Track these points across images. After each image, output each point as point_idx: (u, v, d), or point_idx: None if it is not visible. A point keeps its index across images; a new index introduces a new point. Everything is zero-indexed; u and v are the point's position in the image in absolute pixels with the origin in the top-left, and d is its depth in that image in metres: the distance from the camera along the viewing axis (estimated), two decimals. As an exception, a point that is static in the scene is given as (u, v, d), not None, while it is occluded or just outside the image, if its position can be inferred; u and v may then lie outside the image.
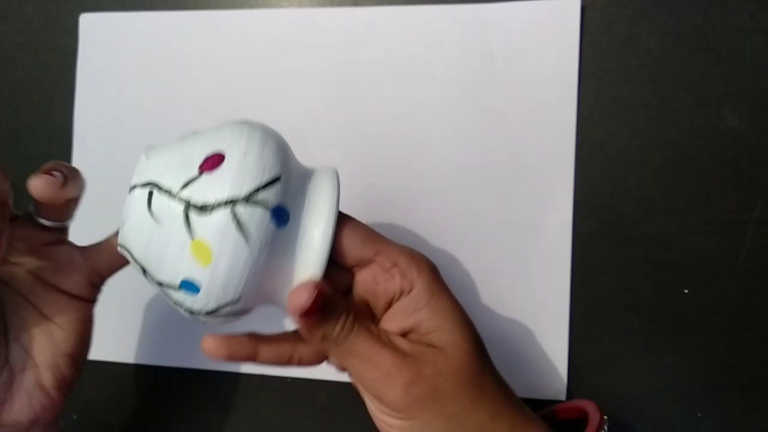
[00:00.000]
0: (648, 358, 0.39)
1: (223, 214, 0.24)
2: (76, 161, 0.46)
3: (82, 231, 0.46)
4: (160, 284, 0.26)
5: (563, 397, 0.40)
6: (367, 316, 0.30)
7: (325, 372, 0.43)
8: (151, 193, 0.26)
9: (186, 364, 0.44)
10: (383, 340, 0.28)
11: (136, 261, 0.27)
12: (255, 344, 0.29)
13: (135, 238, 0.26)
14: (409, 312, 0.29)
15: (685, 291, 0.39)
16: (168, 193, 0.25)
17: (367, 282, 0.29)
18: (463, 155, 0.41)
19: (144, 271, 0.27)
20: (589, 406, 0.34)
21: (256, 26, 0.44)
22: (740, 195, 0.39)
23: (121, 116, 0.46)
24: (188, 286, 0.25)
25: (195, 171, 0.25)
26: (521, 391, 0.40)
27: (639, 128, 0.40)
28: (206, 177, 0.25)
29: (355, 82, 0.43)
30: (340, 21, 0.43)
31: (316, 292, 0.26)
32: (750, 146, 0.39)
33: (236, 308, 0.27)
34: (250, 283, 0.26)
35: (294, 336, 0.30)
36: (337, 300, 0.28)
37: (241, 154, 0.25)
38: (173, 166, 0.26)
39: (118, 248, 0.28)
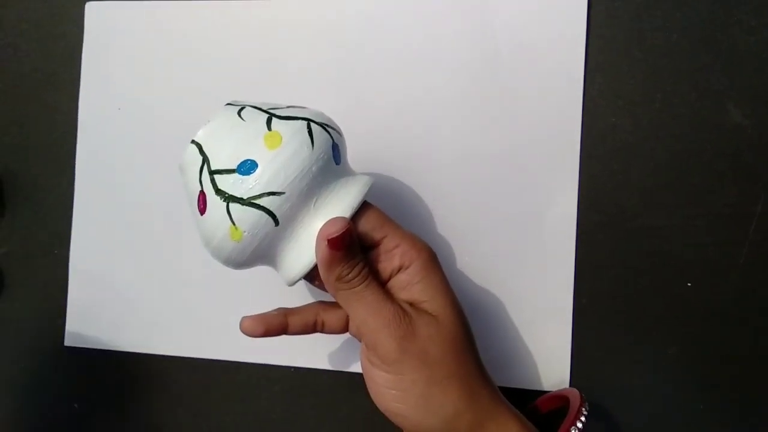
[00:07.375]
0: (650, 350, 0.40)
1: (299, 122, 0.30)
2: (81, 150, 0.46)
3: (90, 218, 0.46)
4: (214, 173, 0.29)
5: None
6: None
7: (327, 362, 0.43)
8: (243, 107, 0.31)
9: (186, 353, 0.44)
10: (390, 296, 0.31)
11: (202, 153, 0.30)
12: (284, 317, 0.33)
13: (216, 131, 0.31)
14: (405, 285, 0.31)
15: (688, 284, 0.39)
16: (258, 108, 0.31)
17: (370, 261, 0.32)
18: (467, 147, 0.41)
19: (204, 163, 0.30)
20: (572, 394, 0.35)
21: (260, 15, 0.44)
22: (743, 188, 0.39)
23: (126, 105, 0.46)
24: (246, 165, 0.29)
25: (283, 105, 0.32)
26: (524, 381, 0.40)
27: (643, 122, 0.40)
28: (291, 108, 0.32)
29: (359, 71, 0.43)
30: (345, 10, 0.43)
31: (348, 227, 0.29)
32: (753, 140, 0.39)
33: (274, 204, 0.29)
34: (298, 182, 0.29)
35: (316, 305, 0.35)
36: (358, 248, 0.30)
37: (320, 110, 0.33)
38: (265, 103, 0.32)
39: (190, 145, 0.31)
